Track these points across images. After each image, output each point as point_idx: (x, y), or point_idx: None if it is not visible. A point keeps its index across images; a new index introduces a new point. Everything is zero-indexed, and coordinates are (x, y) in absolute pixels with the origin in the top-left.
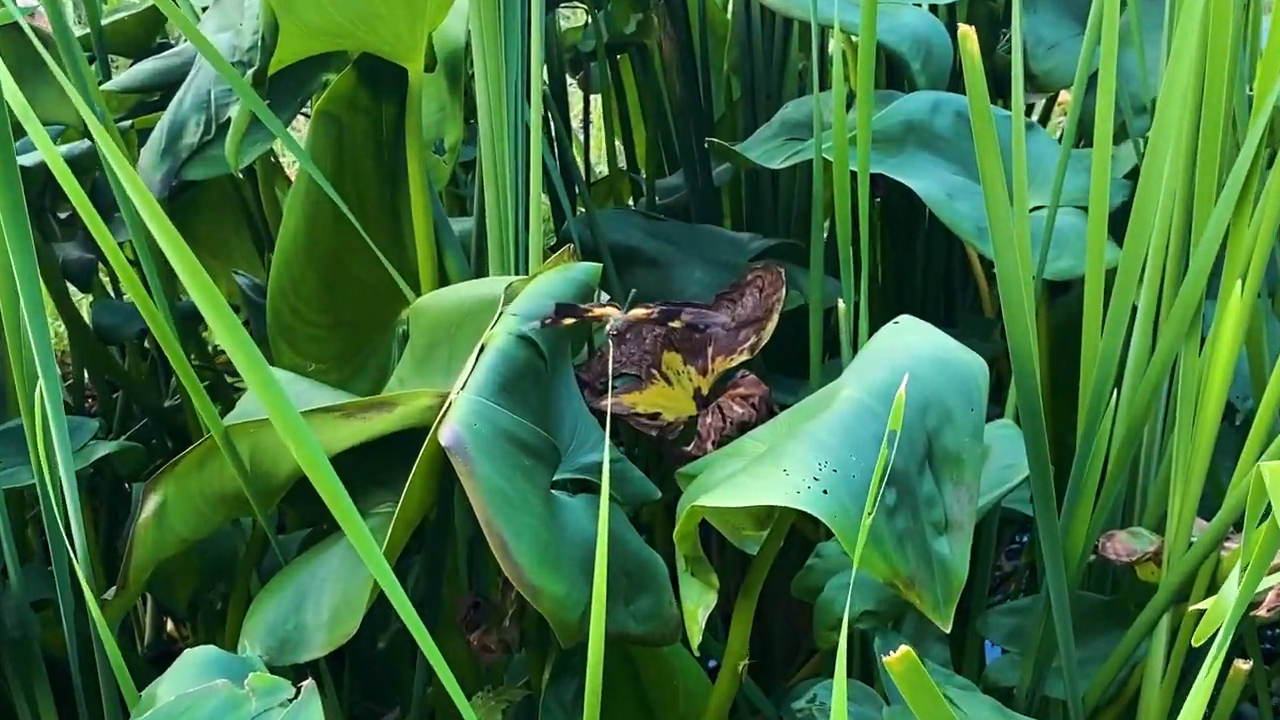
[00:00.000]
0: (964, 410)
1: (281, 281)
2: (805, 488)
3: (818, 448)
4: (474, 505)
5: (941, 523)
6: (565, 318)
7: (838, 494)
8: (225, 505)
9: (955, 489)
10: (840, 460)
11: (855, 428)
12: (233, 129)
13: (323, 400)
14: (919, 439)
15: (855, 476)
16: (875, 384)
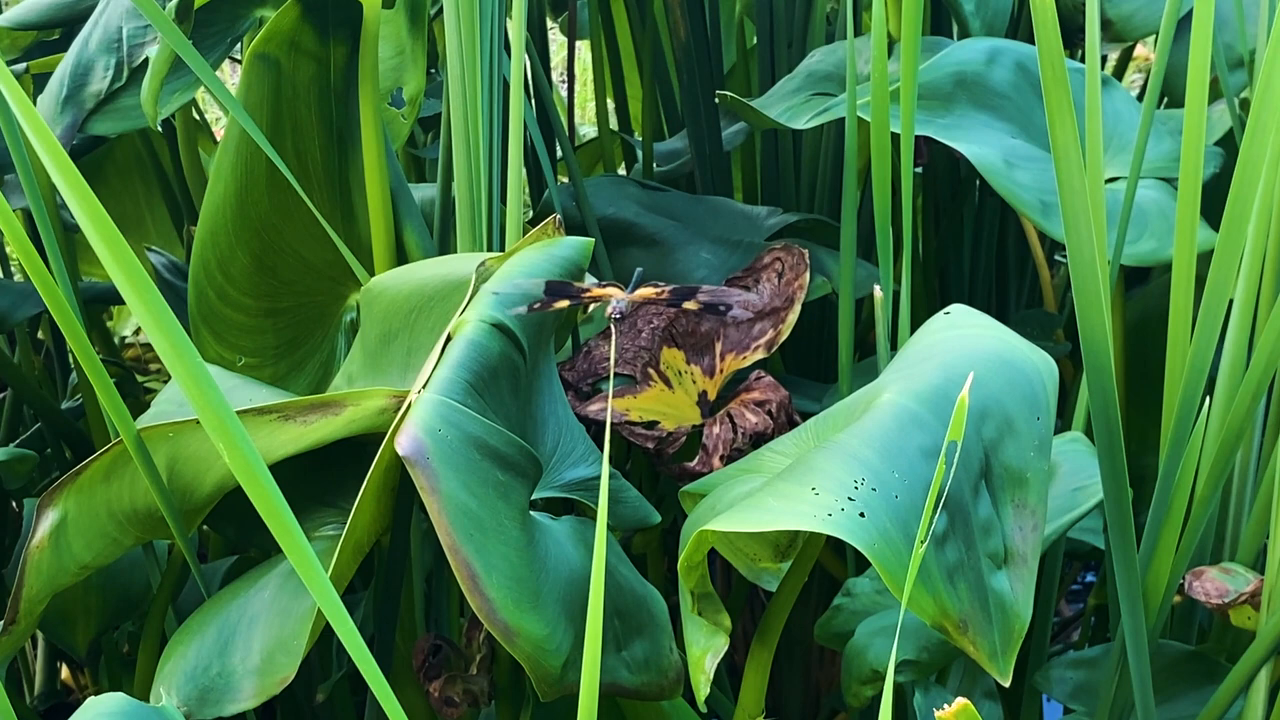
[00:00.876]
0: (1028, 419)
1: (206, 258)
2: (839, 510)
3: (853, 462)
4: (437, 528)
5: (1000, 554)
6: (557, 300)
7: (878, 518)
8: (136, 525)
9: (1017, 514)
10: (880, 478)
11: (898, 439)
12: (150, 73)
13: (255, 400)
14: (974, 453)
15: (899, 497)
16: (923, 386)
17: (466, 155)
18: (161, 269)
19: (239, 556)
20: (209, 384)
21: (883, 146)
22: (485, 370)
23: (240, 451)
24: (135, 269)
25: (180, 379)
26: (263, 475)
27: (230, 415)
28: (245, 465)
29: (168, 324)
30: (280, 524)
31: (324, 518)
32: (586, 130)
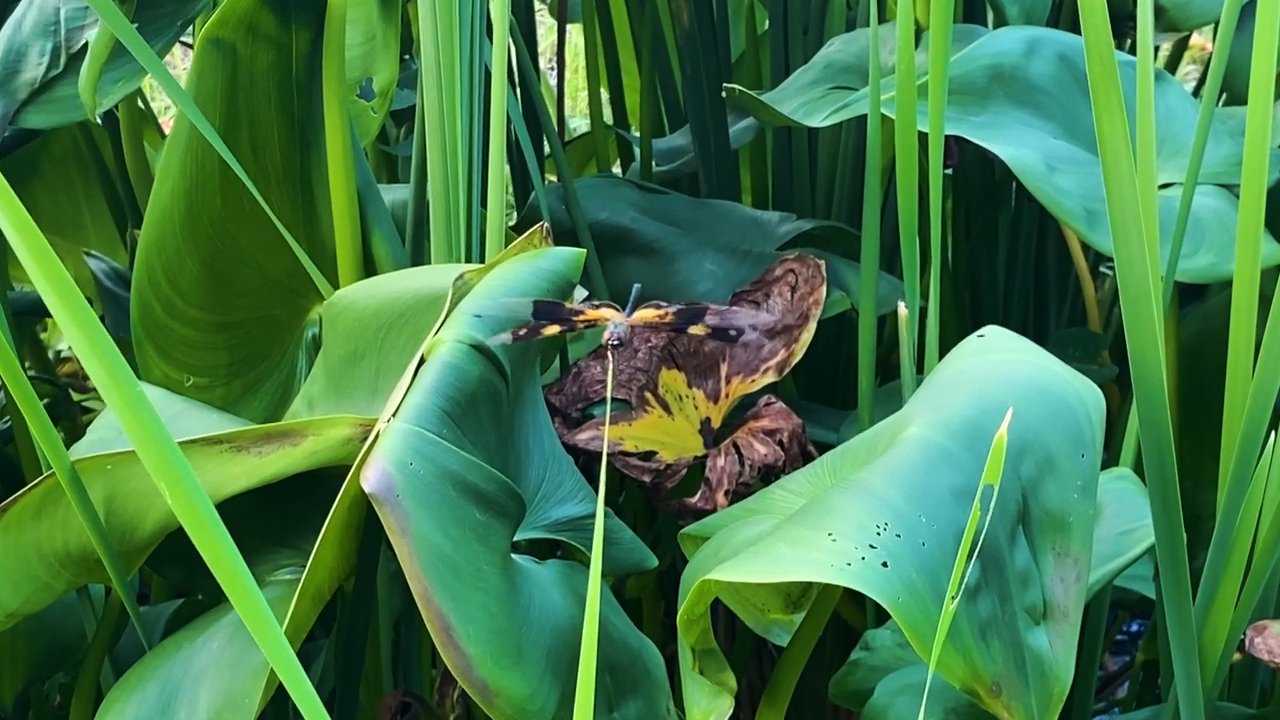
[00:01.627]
0: (1071, 456)
1: (151, 266)
2: (859, 558)
3: (875, 504)
4: (408, 574)
5: (1039, 608)
6: (548, 324)
7: (902, 568)
8: (70, 568)
9: (1058, 563)
10: (906, 522)
11: (926, 478)
12: (88, 60)
13: (203, 427)
14: (1011, 494)
15: (926, 544)
16: (954, 419)
17: (443, 153)
18: (102, 276)
19: (184, 601)
20: (148, 411)
21: (909, 146)
22: (463, 397)
23: (183, 489)
24: (60, 276)
25: (115, 405)
26: (209, 517)
27: (172, 448)
28: (189, 505)
29: (98, 339)
30: (228, 571)
31: (281, 560)
32: (578, 124)
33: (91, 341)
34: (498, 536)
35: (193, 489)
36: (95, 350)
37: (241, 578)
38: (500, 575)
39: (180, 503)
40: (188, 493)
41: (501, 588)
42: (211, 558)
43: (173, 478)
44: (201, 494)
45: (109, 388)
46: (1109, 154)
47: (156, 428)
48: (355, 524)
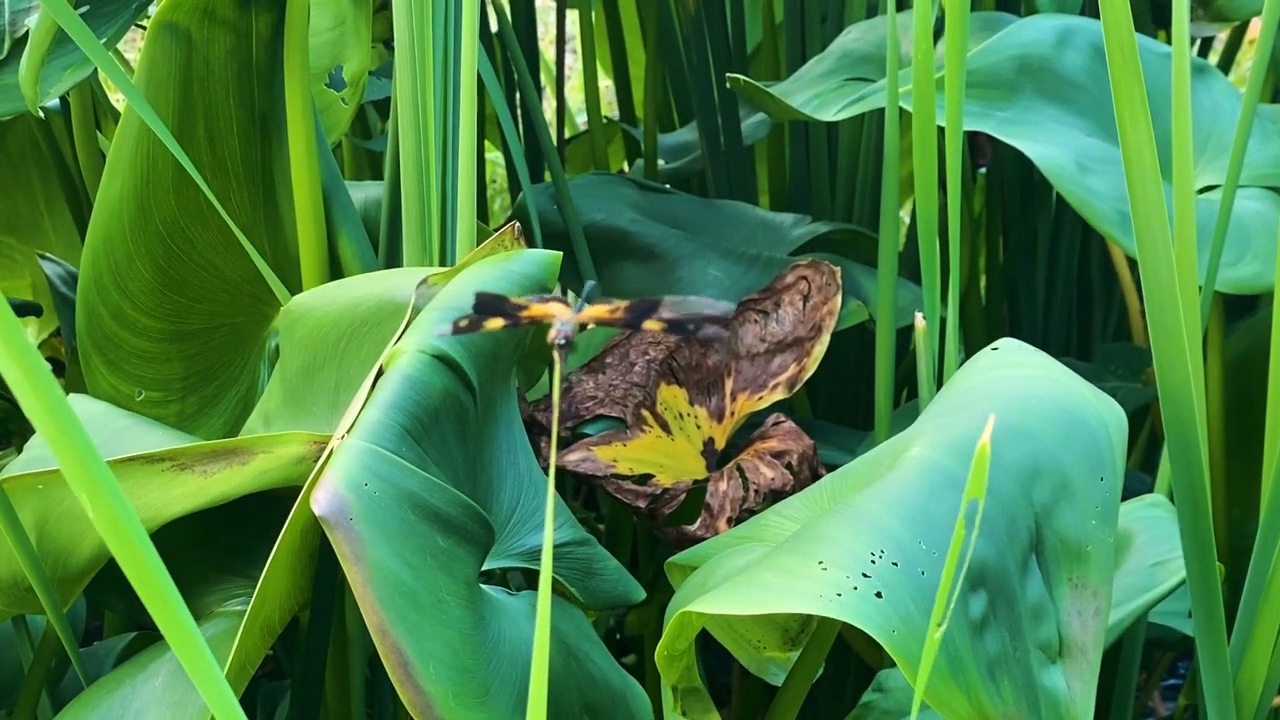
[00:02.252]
0: (1089, 480)
1: (98, 270)
2: (850, 589)
3: (871, 530)
4: (362, 605)
5: (1054, 645)
6: (488, 318)
7: (898, 599)
8: (1, 596)
9: (1075, 595)
10: (904, 550)
11: (928, 503)
12: (29, 48)
13: (152, 444)
14: (1023, 520)
15: (925, 574)
16: (959, 440)
17: (416, 146)
18: (57, 280)
19: (137, 634)
20: (68, 418)
21: (927, 143)
22: (424, 412)
23: (109, 507)
24: None
25: (33, 415)
26: (139, 540)
27: (96, 459)
28: (115, 524)
29: (15, 340)
30: (158, 600)
31: (233, 589)
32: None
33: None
34: (462, 565)
35: (119, 506)
36: (11, 349)
37: (176, 610)
38: (465, 607)
39: (105, 521)
40: (114, 512)
41: (466, 621)
42: (140, 582)
43: (93, 492)
44: (130, 513)
45: (26, 391)
46: (1131, 151)
47: (76, 436)
48: (309, 550)
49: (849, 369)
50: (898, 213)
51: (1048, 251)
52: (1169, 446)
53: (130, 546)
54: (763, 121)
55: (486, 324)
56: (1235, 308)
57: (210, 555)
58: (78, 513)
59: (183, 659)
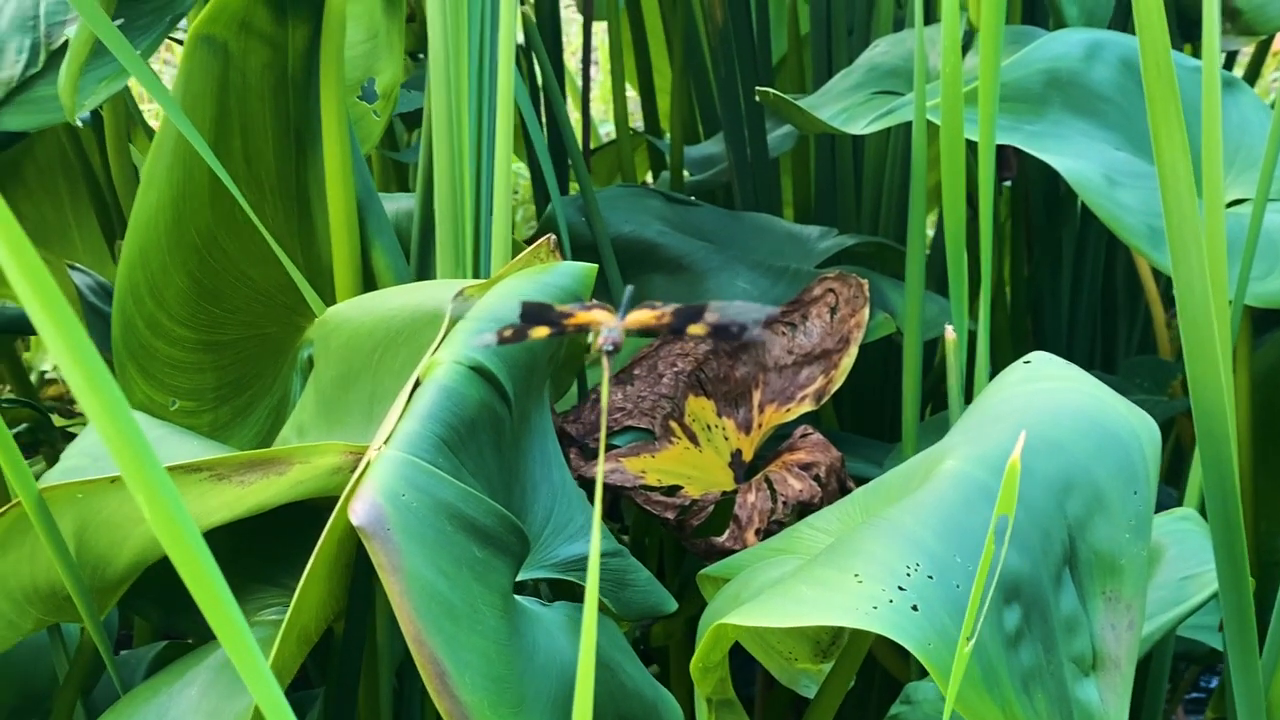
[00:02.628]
0: (1123, 494)
1: (134, 280)
2: (886, 601)
3: (906, 543)
4: (399, 614)
5: (1088, 658)
6: (534, 326)
7: (933, 612)
8: (38, 605)
9: (1109, 609)
10: (939, 563)
11: (962, 516)
12: (68, 57)
13: (185, 454)
14: (1056, 534)
15: (960, 586)
16: (993, 452)
17: (451, 158)
18: (86, 291)
19: (168, 643)
20: (130, 424)
21: (955, 156)
22: (461, 423)
23: (165, 508)
24: (45, 284)
25: (97, 420)
26: (193, 540)
27: (155, 463)
28: (171, 525)
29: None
30: (213, 601)
31: (267, 599)
32: (610, 129)
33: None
34: (498, 575)
35: (178, 510)
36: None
37: (228, 609)
38: (500, 617)
39: (161, 522)
40: (172, 514)
41: (501, 631)
42: (196, 586)
43: (153, 494)
44: (185, 514)
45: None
46: (1166, 165)
47: (139, 440)
48: (344, 560)
49: (876, 381)
50: (925, 225)
51: (1072, 264)
52: (1202, 460)
53: (185, 547)
54: (789, 134)
55: (532, 333)
56: (1262, 322)
57: (245, 565)
58: (117, 522)
59: (235, 659)
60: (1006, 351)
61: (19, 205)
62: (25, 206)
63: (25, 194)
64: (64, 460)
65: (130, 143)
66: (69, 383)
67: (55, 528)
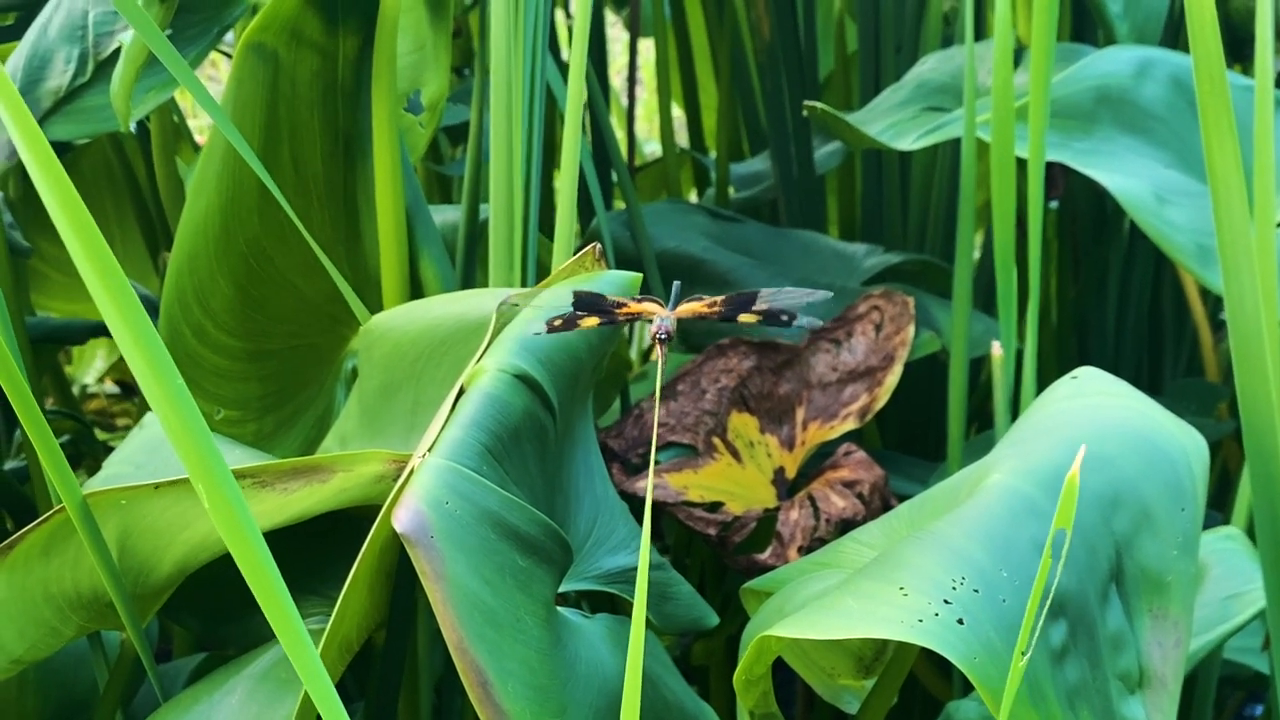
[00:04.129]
0: (1170, 511)
1: (182, 288)
2: (932, 615)
3: (952, 557)
4: (442, 622)
5: (1134, 675)
6: (586, 315)
7: (979, 626)
8: (80, 612)
9: (1156, 626)
10: (985, 577)
11: (1009, 530)
12: (122, 63)
13: (230, 461)
14: (1103, 550)
15: (1007, 601)
16: (1041, 467)
17: (507, 173)
18: None
19: (208, 655)
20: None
21: (1006, 173)
22: (505, 431)
23: (226, 503)
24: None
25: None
26: (251, 534)
27: (217, 456)
28: (234, 522)
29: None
30: (269, 593)
31: (308, 607)
32: (653, 148)
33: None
34: (541, 585)
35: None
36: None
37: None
38: (543, 627)
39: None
40: (230, 508)
41: (544, 640)
42: (254, 579)
43: (214, 489)
44: (245, 509)
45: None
46: (1219, 183)
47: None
48: (387, 568)
49: (920, 400)
50: (972, 243)
51: (1119, 284)
52: (1252, 477)
53: (244, 542)
54: (836, 150)
55: (583, 322)
56: None
57: (286, 574)
58: (160, 528)
59: (289, 651)
60: (1052, 372)
61: None
62: None
63: None
64: (106, 468)
65: (176, 156)
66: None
67: (99, 534)
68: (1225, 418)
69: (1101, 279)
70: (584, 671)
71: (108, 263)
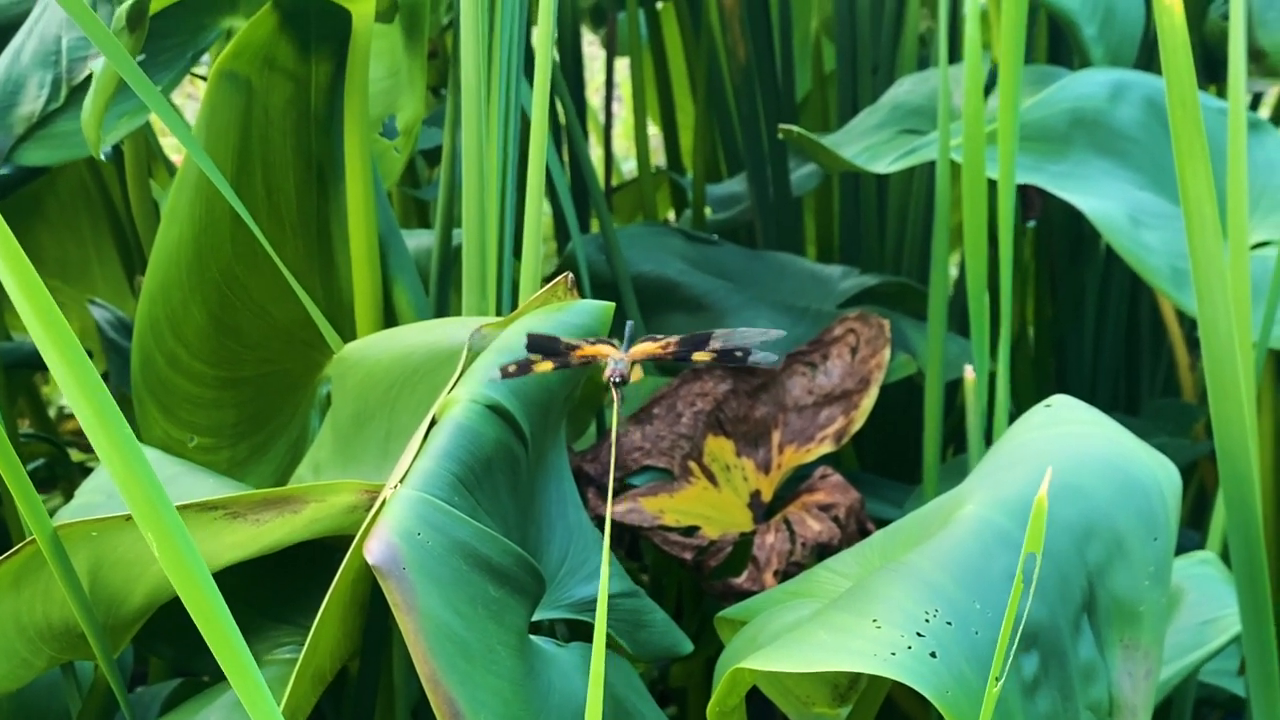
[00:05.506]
0: (1143, 539)
1: (155, 315)
2: (904, 648)
3: (924, 589)
4: (414, 654)
5: (1104, 706)
6: (541, 359)
7: (952, 659)
8: (51, 643)
9: (1127, 656)
10: (957, 609)
11: (981, 561)
12: (93, 91)
13: (201, 491)
14: (1075, 580)
15: (979, 633)
16: (1013, 498)
17: (479, 197)
18: (106, 326)
19: (183, 681)
20: (140, 462)
21: (978, 196)
22: (477, 462)
23: (176, 548)
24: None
25: (106, 458)
26: (203, 580)
27: (166, 503)
28: (182, 566)
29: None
30: (223, 641)
31: (281, 637)
32: (631, 166)
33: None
34: (514, 615)
35: (186, 548)
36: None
37: (237, 649)
38: (516, 657)
39: (173, 565)
40: (181, 555)
41: (517, 671)
42: (206, 626)
43: (165, 538)
44: (195, 554)
45: (98, 432)
46: (1192, 206)
47: (150, 481)
48: (359, 599)
49: (897, 422)
50: (948, 265)
51: (1096, 306)
52: (1225, 501)
53: (195, 588)
54: (813, 173)
55: (537, 366)
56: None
57: (260, 604)
58: (131, 559)
59: (245, 701)
60: (1029, 393)
61: (40, 240)
62: (47, 241)
63: (47, 229)
64: (79, 496)
65: (151, 178)
66: (81, 421)
67: (70, 565)
68: (1201, 438)
69: (1079, 300)
70: (557, 701)
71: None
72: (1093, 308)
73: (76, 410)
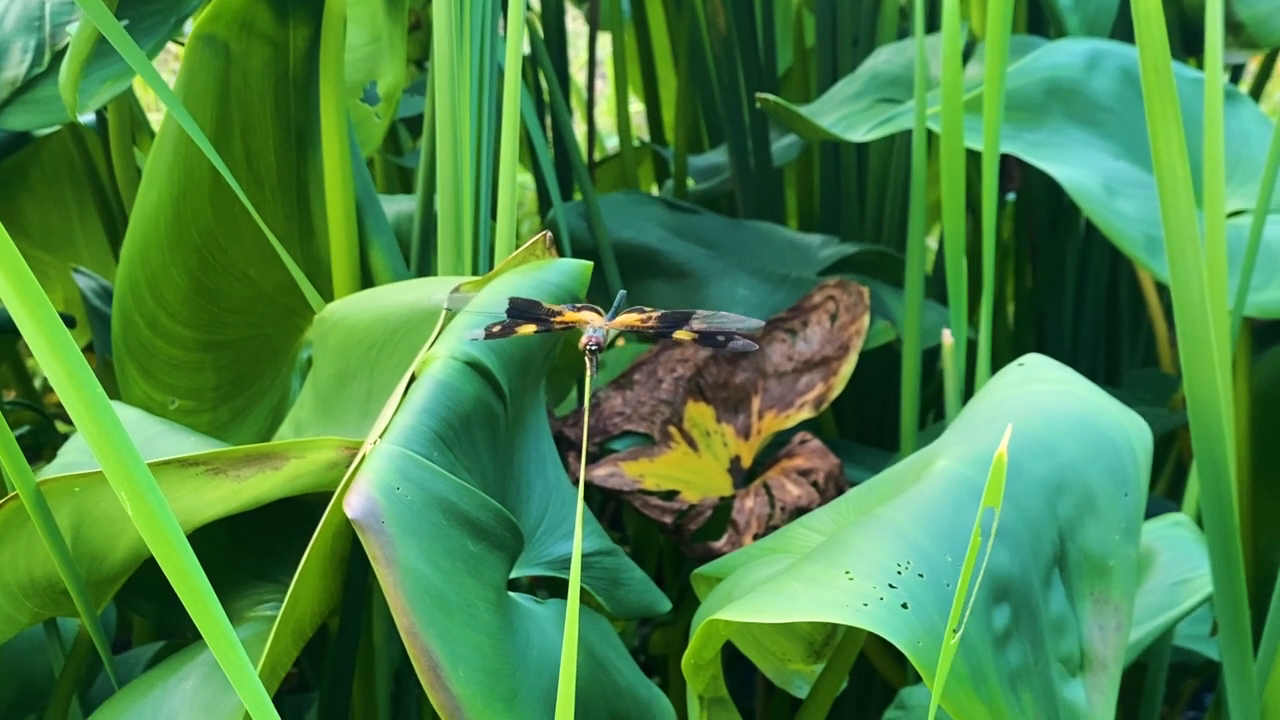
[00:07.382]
0: (1113, 495)
1: (135, 279)
2: (876, 599)
3: (897, 541)
4: (393, 607)
5: (1075, 658)
6: (521, 323)
7: (923, 610)
8: (34, 599)
9: (1097, 610)
10: (930, 561)
11: (953, 515)
12: (69, 55)
13: (183, 449)
14: (1046, 534)
15: (950, 585)
16: (985, 453)
17: (454, 162)
18: (90, 294)
19: (167, 642)
20: (112, 421)
21: (955, 164)
22: (456, 418)
23: (149, 508)
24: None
25: (76, 416)
26: (175, 537)
27: (137, 460)
28: (154, 523)
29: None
30: (195, 597)
31: (263, 594)
32: (615, 141)
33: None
34: (492, 570)
35: (158, 506)
36: (57, 355)
37: (210, 605)
38: (494, 612)
39: (144, 521)
40: (153, 511)
41: (495, 625)
42: (179, 583)
43: (135, 493)
44: (168, 512)
45: (68, 391)
46: (1165, 172)
47: (119, 438)
48: (340, 554)
49: (876, 389)
50: (925, 233)
51: (1076, 277)
52: (1198, 463)
53: (168, 545)
54: (793, 144)
55: (519, 329)
56: (1262, 336)
57: (240, 560)
58: (113, 515)
59: (219, 656)
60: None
61: (24, 209)
62: (31, 210)
63: (31, 198)
64: (61, 456)
65: (135, 147)
66: (50, 379)
67: (52, 521)
68: (1180, 408)
69: (1059, 271)
70: (535, 657)
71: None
72: (1072, 279)
73: (45, 366)
